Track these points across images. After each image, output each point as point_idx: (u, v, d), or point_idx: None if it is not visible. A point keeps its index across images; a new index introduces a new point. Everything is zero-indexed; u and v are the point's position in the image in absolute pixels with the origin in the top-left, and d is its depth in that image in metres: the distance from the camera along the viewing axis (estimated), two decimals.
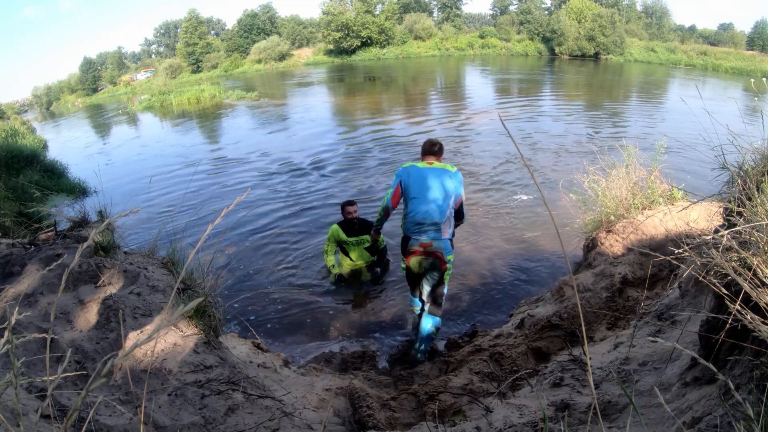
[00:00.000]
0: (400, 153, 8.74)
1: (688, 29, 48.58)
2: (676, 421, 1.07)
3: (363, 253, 4.19)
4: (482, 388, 2.13)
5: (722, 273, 1.00)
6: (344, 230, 4.04)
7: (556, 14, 41.50)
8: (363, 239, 4.09)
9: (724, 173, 1.41)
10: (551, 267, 4.26)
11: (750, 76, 22.96)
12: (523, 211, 5.57)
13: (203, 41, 45.48)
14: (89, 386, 0.48)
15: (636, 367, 1.53)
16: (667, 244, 2.67)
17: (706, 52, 38.00)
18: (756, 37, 42.79)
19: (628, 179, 3.32)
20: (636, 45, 40.60)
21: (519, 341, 2.64)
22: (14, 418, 0.81)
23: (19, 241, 2.36)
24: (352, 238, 4.06)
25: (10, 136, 12.95)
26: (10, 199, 5.07)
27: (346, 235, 4.05)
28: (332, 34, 41.64)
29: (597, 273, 3.01)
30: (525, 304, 3.44)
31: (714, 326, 1.12)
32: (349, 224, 4.03)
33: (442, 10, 49.57)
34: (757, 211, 1.08)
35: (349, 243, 4.09)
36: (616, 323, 2.37)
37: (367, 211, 5.88)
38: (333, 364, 2.87)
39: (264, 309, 3.79)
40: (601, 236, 3.38)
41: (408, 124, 11.68)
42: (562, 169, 7.16)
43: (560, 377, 1.71)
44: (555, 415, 1.39)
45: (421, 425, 1.63)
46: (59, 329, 1.68)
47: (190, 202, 6.50)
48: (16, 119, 22.29)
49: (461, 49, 43.73)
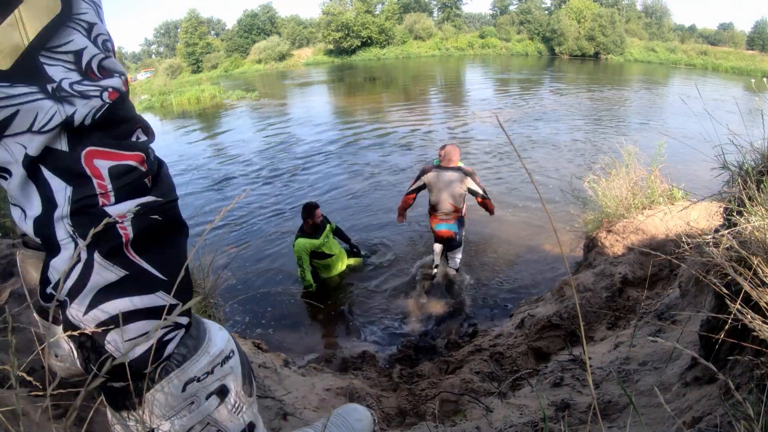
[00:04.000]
0: (399, 153, 8.75)
1: (688, 29, 48.62)
2: (676, 420, 1.07)
3: (335, 245, 4.02)
4: (482, 387, 2.13)
5: (722, 272, 1.00)
6: (310, 237, 3.79)
7: (556, 14, 41.51)
8: (328, 232, 3.92)
9: (724, 173, 1.41)
10: (552, 267, 4.26)
11: (750, 76, 22.99)
12: (524, 211, 5.58)
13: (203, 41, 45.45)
14: (89, 386, 0.48)
15: (636, 367, 1.53)
16: (668, 244, 2.68)
17: (706, 52, 38.01)
18: (756, 37, 42.81)
19: (628, 179, 3.32)
20: (636, 45, 40.61)
21: (519, 341, 2.64)
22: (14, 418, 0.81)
23: (19, 242, 2.36)
24: (320, 239, 3.82)
25: None
26: None
27: (316, 239, 3.80)
28: (332, 34, 41.65)
29: (597, 273, 3.01)
30: (525, 304, 3.44)
31: (714, 326, 1.12)
32: (313, 228, 3.81)
33: (442, 10, 49.58)
34: (757, 210, 1.08)
35: (322, 245, 3.86)
36: (617, 323, 2.37)
37: (367, 211, 5.89)
38: (333, 364, 2.87)
39: (264, 309, 3.79)
40: (602, 236, 3.38)
41: (408, 124, 11.68)
42: (562, 168, 7.16)
43: (560, 377, 1.71)
44: (555, 415, 1.39)
45: (421, 425, 1.63)
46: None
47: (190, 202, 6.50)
48: None
49: (461, 49, 43.74)
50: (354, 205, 6.14)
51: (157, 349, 0.57)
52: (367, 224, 5.49)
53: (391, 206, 5.90)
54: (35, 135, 0.49)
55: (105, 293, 0.54)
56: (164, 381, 0.60)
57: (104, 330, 0.54)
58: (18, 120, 0.48)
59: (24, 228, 0.52)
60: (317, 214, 3.77)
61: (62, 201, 0.51)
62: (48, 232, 0.52)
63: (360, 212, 5.89)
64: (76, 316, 0.54)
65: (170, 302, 0.58)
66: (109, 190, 0.53)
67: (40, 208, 0.51)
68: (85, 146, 0.52)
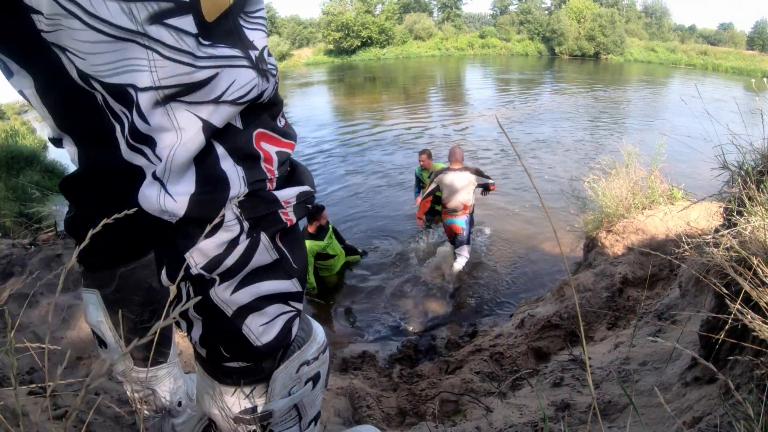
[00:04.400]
0: (400, 152, 8.75)
1: (688, 29, 48.60)
2: (676, 420, 1.07)
3: (336, 246, 4.01)
4: (482, 387, 2.13)
5: (722, 272, 1.00)
6: (316, 239, 3.76)
7: (556, 14, 41.49)
8: (331, 233, 3.91)
9: (724, 173, 1.41)
10: (552, 267, 4.26)
11: (750, 76, 22.97)
12: (523, 210, 5.58)
13: None
14: (89, 386, 0.48)
15: (636, 367, 1.53)
16: (668, 244, 2.68)
17: (706, 52, 37.99)
18: (756, 37, 42.78)
19: (628, 179, 3.32)
20: (636, 45, 40.59)
21: (519, 341, 2.64)
22: (14, 418, 0.81)
23: (20, 242, 2.36)
24: (325, 241, 3.82)
25: (11, 137, 12.95)
26: (10, 200, 5.07)
27: (321, 241, 3.78)
28: (332, 34, 41.62)
29: (597, 273, 3.01)
30: (525, 304, 3.44)
31: (714, 326, 1.12)
32: (318, 230, 3.79)
33: (442, 10, 49.56)
34: (757, 210, 1.08)
35: (327, 246, 3.84)
36: (617, 323, 2.37)
37: (368, 211, 5.89)
38: (333, 364, 2.87)
39: None
40: (602, 236, 3.38)
41: (408, 123, 11.68)
42: (562, 168, 7.16)
43: (560, 377, 1.71)
44: (555, 415, 1.39)
45: (421, 425, 1.63)
46: (59, 329, 1.68)
47: None
48: (17, 119, 22.28)
49: (461, 49, 43.71)
50: (355, 205, 6.14)
51: (286, 333, 0.59)
52: (368, 224, 5.50)
53: (393, 206, 5.90)
54: (223, 105, 0.43)
55: (257, 275, 0.53)
56: (287, 362, 0.62)
57: (245, 312, 0.54)
58: (210, 85, 0.42)
59: (160, 204, 0.45)
60: (323, 216, 3.76)
61: (237, 181, 0.47)
62: (210, 211, 0.47)
63: (361, 212, 5.89)
64: (222, 296, 0.52)
65: (299, 289, 0.59)
66: (275, 176, 0.51)
67: (194, 186, 0.45)
68: (257, 127, 0.48)
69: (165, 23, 0.39)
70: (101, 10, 0.37)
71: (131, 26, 0.38)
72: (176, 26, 0.39)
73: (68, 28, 0.39)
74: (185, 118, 0.42)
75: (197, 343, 0.58)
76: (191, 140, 0.43)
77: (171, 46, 0.39)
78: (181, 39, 0.40)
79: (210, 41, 0.41)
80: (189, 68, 0.41)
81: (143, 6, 0.38)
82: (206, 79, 0.42)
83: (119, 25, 0.38)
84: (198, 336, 0.56)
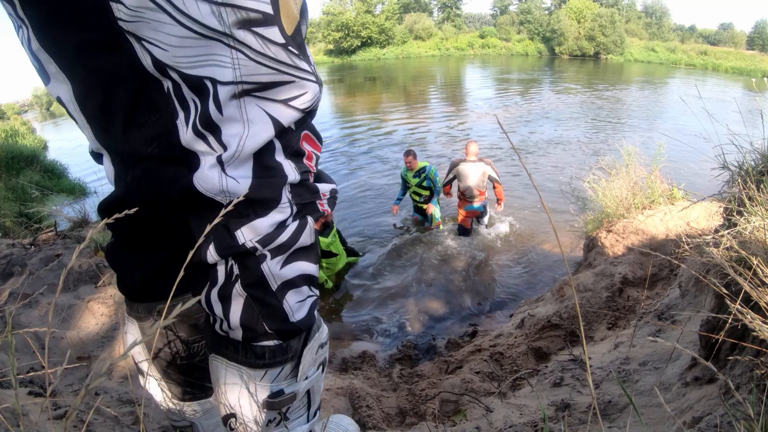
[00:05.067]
0: (400, 153, 8.74)
1: (688, 29, 48.59)
2: (676, 420, 1.07)
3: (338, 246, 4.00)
4: (482, 387, 2.13)
5: (722, 273, 1.00)
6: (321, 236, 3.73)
7: (556, 14, 41.49)
8: (335, 231, 3.92)
9: (724, 173, 1.41)
10: (552, 267, 4.26)
11: (750, 76, 22.99)
12: (524, 210, 5.58)
13: None
14: (88, 386, 0.48)
15: (636, 367, 1.53)
16: (668, 244, 2.68)
17: (706, 52, 37.99)
18: (756, 37, 42.79)
19: (628, 179, 3.32)
20: (636, 45, 40.59)
21: (519, 341, 2.64)
22: (14, 418, 0.81)
23: (20, 242, 2.36)
24: (329, 238, 3.83)
25: (11, 137, 12.96)
26: (10, 200, 5.07)
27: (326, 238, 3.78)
28: (332, 34, 41.61)
29: (597, 273, 3.01)
30: (525, 304, 3.44)
31: (714, 326, 1.12)
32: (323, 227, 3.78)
33: (442, 10, 49.57)
34: (757, 210, 1.08)
35: (330, 244, 3.84)
36: (617, 323, 2.37)
37: (369, 210, 5.89)
38: (333, 364, 2.87)
39: None
40: (602, 236, 3.38)
41: (408, 123, 11.68)
42: (562, 168, 7.16)
43: (560, 377, 1.71)
44: (555, 415, 1.39)
45: (421, 425, 1.63)
46: (59, 329, 1.68)
47: None
48: (17, 119, 22.30)
49: (461, 49, 43.72)
50: (356, 205, 6.14)
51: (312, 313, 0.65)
52: (369, 224, 5.50)
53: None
54: (291, 109, 0.51)
55: (299, 254, 0.60)
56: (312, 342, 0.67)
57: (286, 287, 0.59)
58: (282, 88, 0.49)
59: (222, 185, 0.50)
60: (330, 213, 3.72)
61: (291, 171, 0.56)
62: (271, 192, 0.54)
63: (361, 212, 5.89)
64: (273, 269, 0.58)
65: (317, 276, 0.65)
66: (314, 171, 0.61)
67: (251, 172, 0.52)
68: (303, 129, 0.57)
69: (252, 30, 0.44)
70: (192, 9, 0.42)
71: (219, 27, 0.43)
72: (263, 35, 0.45)
73: (153, 20, 0.42)
74: (254, 112, 0.48)
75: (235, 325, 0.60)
76: (260, 133, 0.49)
77: (256, 50, 0.45)
78: (266, 45, 0.46)
79: (297, 52, 0.49)
80: (270, 71, 0.47)
81: (232, 11, 0.43)
82: (281, 82, 0.48)
83: (208, 25, 0.43)
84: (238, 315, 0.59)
